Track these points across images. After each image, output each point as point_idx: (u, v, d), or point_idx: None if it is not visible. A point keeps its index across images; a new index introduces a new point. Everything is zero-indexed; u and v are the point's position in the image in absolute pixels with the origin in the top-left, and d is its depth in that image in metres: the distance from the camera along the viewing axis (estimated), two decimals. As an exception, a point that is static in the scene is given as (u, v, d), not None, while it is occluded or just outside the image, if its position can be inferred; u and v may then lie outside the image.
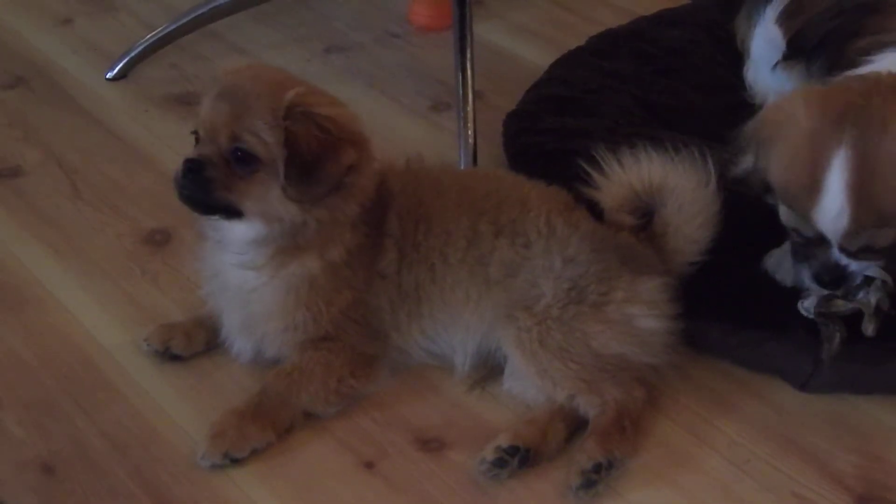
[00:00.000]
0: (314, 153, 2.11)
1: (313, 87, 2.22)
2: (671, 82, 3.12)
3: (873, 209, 2.03)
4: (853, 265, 2.16)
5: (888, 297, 2.18)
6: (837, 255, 2.16)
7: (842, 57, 2.54)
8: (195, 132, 2.19)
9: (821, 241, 2.14)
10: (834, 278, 2.17)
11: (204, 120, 2.16)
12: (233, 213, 2.17)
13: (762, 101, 2.96)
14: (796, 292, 2.26)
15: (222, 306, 2.32)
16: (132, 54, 3.46)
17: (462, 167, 2.86)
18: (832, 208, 2.04)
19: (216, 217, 2.20)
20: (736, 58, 3.16)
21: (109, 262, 2.67)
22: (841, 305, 2.20)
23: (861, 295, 2.19)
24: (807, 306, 2.23)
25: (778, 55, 2.89)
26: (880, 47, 2.41)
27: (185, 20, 3.54)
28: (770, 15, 2.92)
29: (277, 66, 2.42)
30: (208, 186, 2.13)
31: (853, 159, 1.99)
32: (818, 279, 2.19)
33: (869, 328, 2.18)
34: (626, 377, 2.19)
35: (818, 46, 2.72)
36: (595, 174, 2.35)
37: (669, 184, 2.29)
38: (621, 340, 2.20)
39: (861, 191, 2.00)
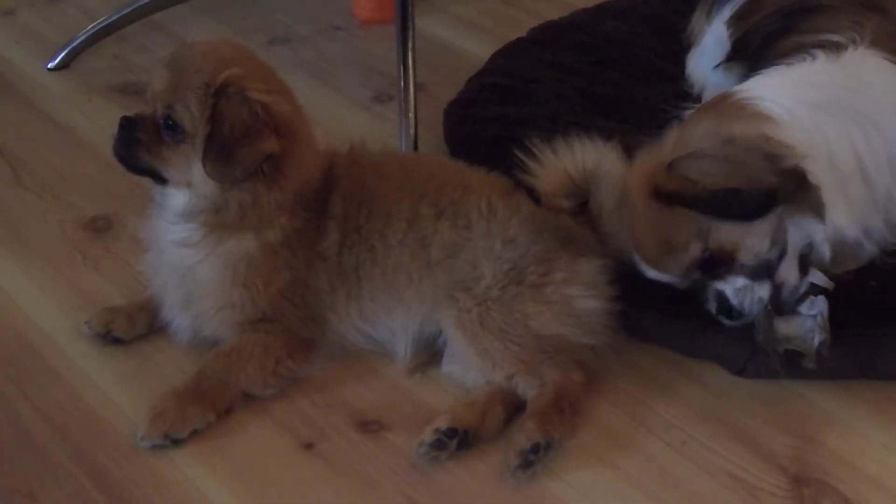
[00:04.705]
0: (234, 135, 2.12)
1: (259, 70, 2.22)
2: (611, 73, 3.15)
3: (649, 248, 2.29)
4: (727, 289, 2.26)
5: (830, 339, 2.21)
6: (717, 285, 2.27)
7: (767, 60, 2.57)
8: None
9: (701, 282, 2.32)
10: (722, 306, 2.28)
11: (150, 83, 2.20)
12: (157, 177, 2.22)
13: (699, 93, 3.01)
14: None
15: (162, 282, 2.32)
16: (74, 44, 3.45)
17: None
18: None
19: (147, 178, 2.25)
20: (676, 49, 3.18)
21: (51, 249, 2.67)
22: (783, 333, 2.23)
23: (803, 309, 2.24)
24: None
25: (722, 55, 2.92)
26: (797, 49, 2.47)
27: (127, 10, 3.54)
28: (725, 14, 2.95)
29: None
30: (135, 147, 2.18)
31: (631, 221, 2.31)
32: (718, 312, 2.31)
33: (810, 364, 2.21)
34: (565, 359, 2.21)
35: (759, 49, 2.74)
36: (530, 162, 2.37)
37: (603, 169, 2.32)
38: (560, 321, 2.22)
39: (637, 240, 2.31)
